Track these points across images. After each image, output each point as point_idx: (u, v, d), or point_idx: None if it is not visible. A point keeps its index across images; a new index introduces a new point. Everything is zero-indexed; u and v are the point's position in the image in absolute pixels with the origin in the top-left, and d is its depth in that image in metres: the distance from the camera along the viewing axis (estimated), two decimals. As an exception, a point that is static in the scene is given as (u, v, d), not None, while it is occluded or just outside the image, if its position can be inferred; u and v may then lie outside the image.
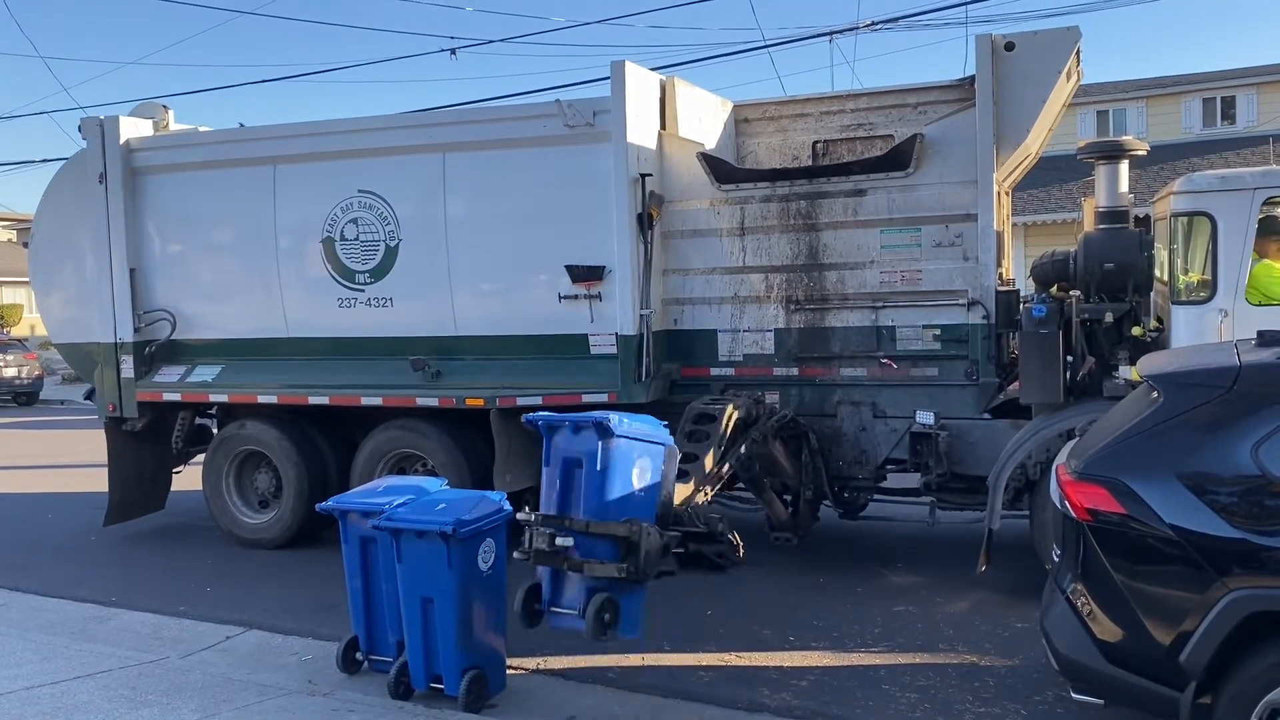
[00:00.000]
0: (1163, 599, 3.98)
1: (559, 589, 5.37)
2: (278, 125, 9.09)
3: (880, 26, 16.24)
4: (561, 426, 5.35)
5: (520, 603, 5.34)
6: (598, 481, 5.21)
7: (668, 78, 8.37)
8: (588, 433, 5.22)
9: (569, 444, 5.34)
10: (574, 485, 5.33)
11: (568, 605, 5.33)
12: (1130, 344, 7.01)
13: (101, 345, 9.25)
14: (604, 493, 5.22)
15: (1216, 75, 24.33)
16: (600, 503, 5.20)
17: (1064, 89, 7.63)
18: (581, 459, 5.28)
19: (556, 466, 5.38)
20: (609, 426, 5.16)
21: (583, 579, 5.24)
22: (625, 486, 5.31)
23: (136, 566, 8.65)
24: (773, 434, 7.34)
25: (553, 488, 5.36)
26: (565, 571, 5.28)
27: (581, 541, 5.15)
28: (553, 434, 5.38)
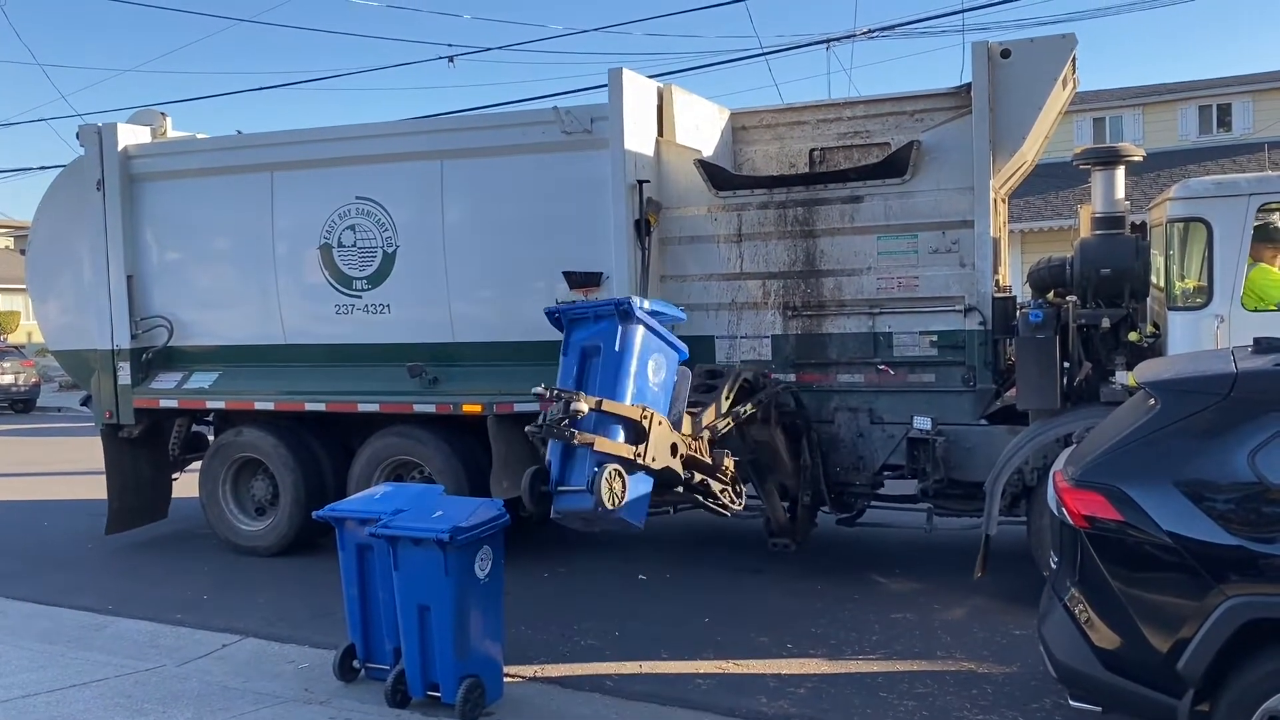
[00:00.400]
0: (1160, 606, 3.98)
1: (567, 468, 5.26)
2: (275, 132, 9.10)
3: (877, 34, 16.27)
4: (583, 317, 5.33)
5: (527, 485, 5.21)
6: (614, 361, 5.14)
7: (665, 85, 8.39)
8: (609, 320, 5.20)
9: (587, 333, 5.30)
10: (590, 374, 5.27)
11: (575, 483, 5.22)
12: (1127, 349, 7.02)
13: (98, 352, 9.24)
14: (619, 375, 5.14)
15: (1212, 83, 24.41)
16: (615, 384, 5.12)
17: (1060, 96, 7.64)
18: (600, 344, 5.24)
19: (573, 356, 5.33)
20: (630, 309, 5.14)
21: (591, 456, 5.14)
22: (640, 375, 5.23)
23: (132, 574, 8.63)
24: (775, 412, 7.27)
25: (568, 375, 5.29)
26: (575, 455, 5.20)
27: (593, 417, 5.05)
28: (573, 327, 5.35)
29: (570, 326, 5.44)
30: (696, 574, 7.96)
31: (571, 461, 5.31)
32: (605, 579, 7.96)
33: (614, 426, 5.22)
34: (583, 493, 5.14)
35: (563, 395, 5.05)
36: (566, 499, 5.24)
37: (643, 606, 7.25)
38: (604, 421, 5.16)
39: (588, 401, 5.05)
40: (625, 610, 7.15)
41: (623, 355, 5.20)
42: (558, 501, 5.29)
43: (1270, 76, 23.58)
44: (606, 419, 5.15)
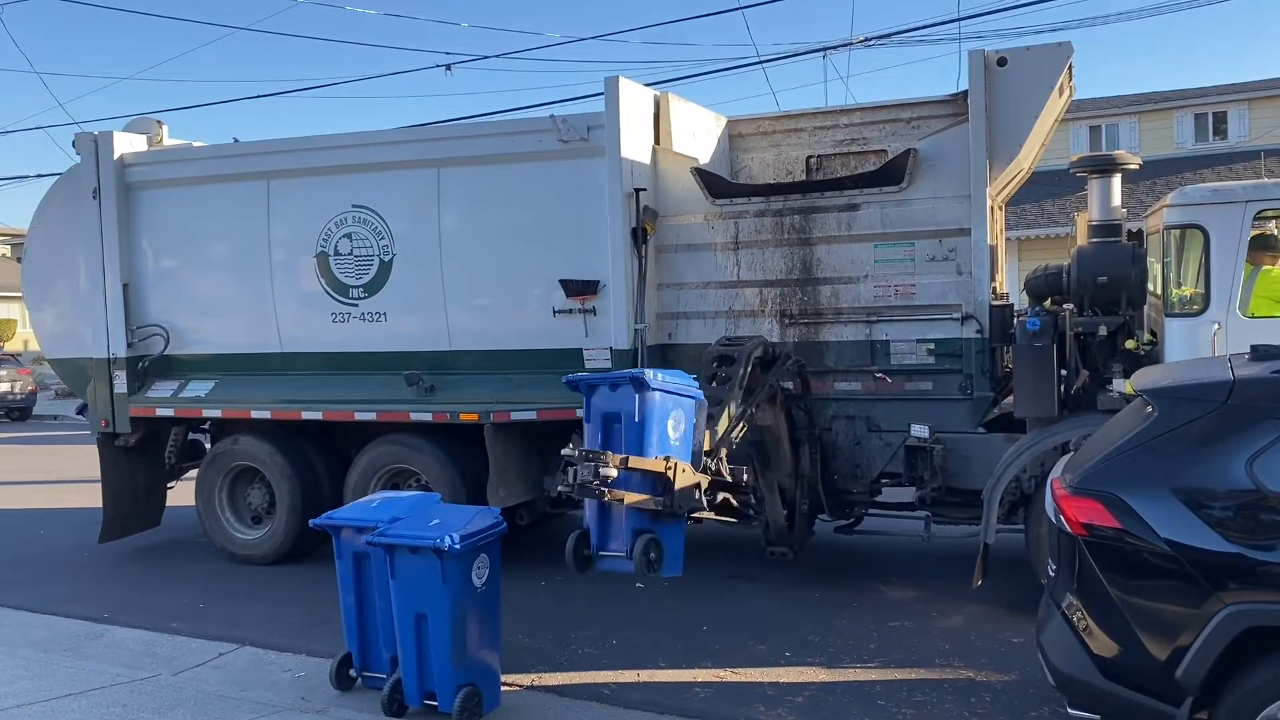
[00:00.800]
0: (1158, 614, 3.98)
1: (606, 533, 5.59)
2: (272, 140, 9.10)
3: (874, 42, 16.31)
4: (600, 385, 5.71)
5: (571, 550, 5.53)
6: (636, 432, 5.52)
7: (662, 93, 8.40)
8: (625, 389, 5.57)
9: (607, 401, 5.66)
10: (613, 437, 5.60)
11: (615, 549, 5.56)
12: (1124, 357, 7.02)
13: (95, 360, 9.22)
14: (642, 441, 5.51)
15: (1208, 90, 24.48)
16: (639, 447, 5.49)
17: (1056, 104, 7.66)
18: (619, 413, 5.59)
19: (596, 423, 5.69)
20: (645, 381, 5.51)
21: (628, 521, 5.49)
22: (661, 435, 5.60)
23: (129, 583, 8.61)
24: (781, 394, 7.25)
25: (594, 439, 5.65)
26: (611, 516, 5.54)
27: (620, 476, 5.36)
28: (592, 392, 5.72)
29: (589, 394, 5.77)
30: (694, 582, 7.93)
31: (609, 525, 5.60)
32: (602, 587, 7.93)
33: (640, 480, 5.49)
34: (623, 559, 5.52)
35: (592, 457, 5.35)
36: (608, 563, 5.62)
37: (640, 615, 7.23)
38: (631, 478, 5.44)
39: (615, 462, 5.33)
40: (623, 618, 7.13)
41: (643, 424, 5.56)
42: (600, 564, 5.65)
43: (1266, 84, 23.65)
44: (634, 475, 5.45)
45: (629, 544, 5.48)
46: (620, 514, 5.54)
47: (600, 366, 7.83)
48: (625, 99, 7.72)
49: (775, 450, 7.32)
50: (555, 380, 7.93)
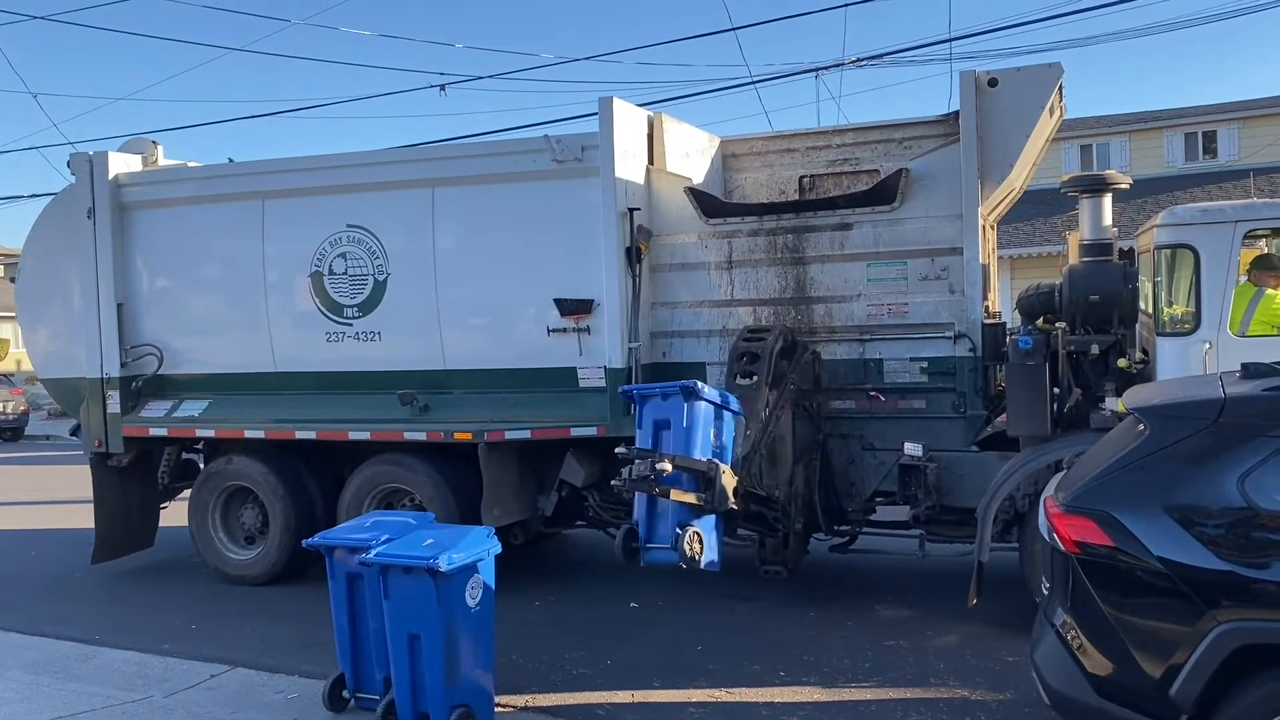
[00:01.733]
0: (1152, 632, 3.98)
1: (653, 528, 6.21)
2: (267, 160, 9.12)
3: (866, 63, 16.41)
4: (653, 396, 6.42)
5: (621, 542, 6.21)
6: (683, 436, 6.19)
7: (655, 114, 8.44)
8: (675, 399, 6.26)
9: (658, 409, 6.35)
10: (662, 442, 6.26)
11: (660, 542, 6.18)
12: (1116, 376, 7.04)
13: (88, 380, 9.20)
14: (689, 444, 6.16)
15: (1198, 110, 24.64)
16: (687, 449, 6.16)
17: (1047, 124, 7.71)
18: (669, 419, 6.27)
19: (648, 429, 6.36)
20: (695, 390, 6.22)
21: (673, 515, 6.12)
22: (705, 440, 6.27)
23: (121, 604, 8.56)
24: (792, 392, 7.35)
25: (644, 442, 6.30)
26: (657, 512, 6.18)
27: (670, 475, 6.00)
28: (644, 402, 6.42)
29: (641, 403, 6.45)
30: (688, 602, 7.93)
31: (655, 520, 6.21)
32: (597, 607, 7.92)
33: (686, 478, 6.14)
34: (668, 550, 6.12)
35: (647, 455, 6.03)
36: (654, 554, 6.22)
37: (635, 634, 7.21)
38: (680, 476, 6.09)
39: (664, 458, 5.99)
40: (617, 638, 7.11)
41: (690, 429, 6.22)
42: (646, 556, 6.24)
43: (1256, 104, 23.81)
44: (681, 474, 6.10)
45: (673, 537, 6.05)
46: (667, 510, 6.16)
47: (595, 385, 7.84)
48: (619, 119, 7.75)
49: (780, 448, 7.33)
50: (550, 399, 8.01)
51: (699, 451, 6.20)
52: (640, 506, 6.25)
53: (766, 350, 7.10)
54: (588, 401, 7.88)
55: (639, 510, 6.26)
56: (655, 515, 6.23)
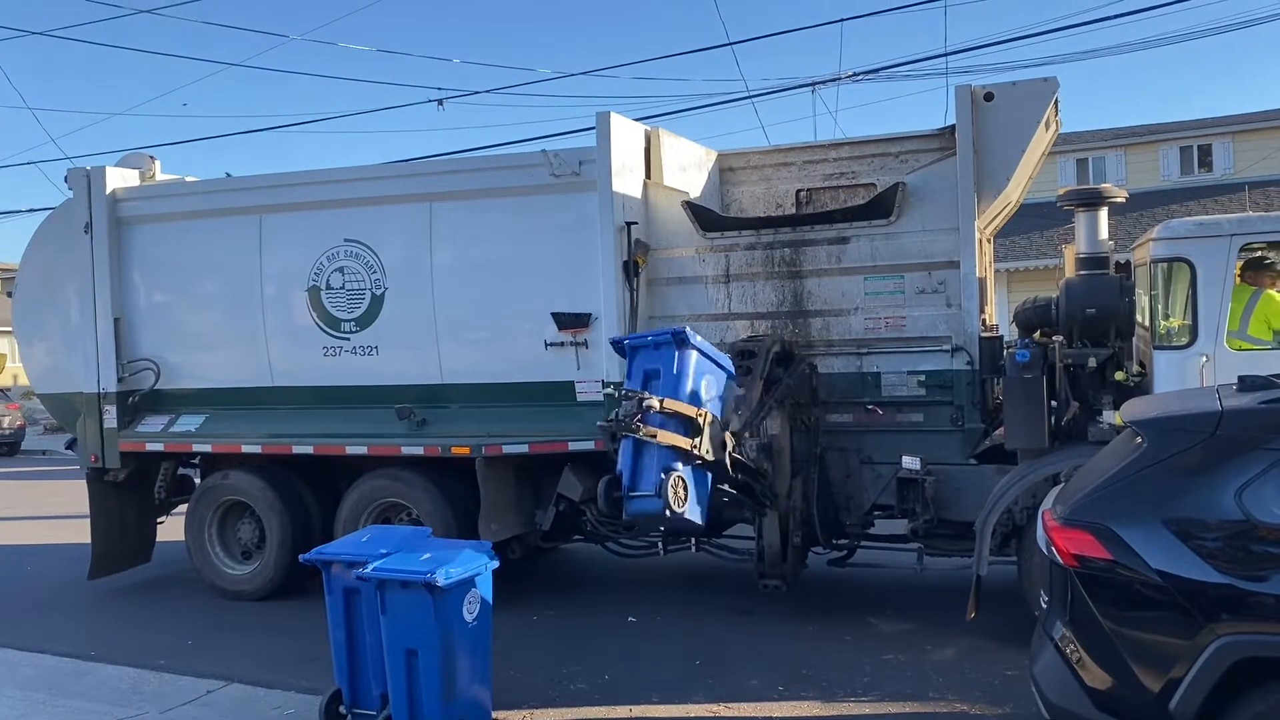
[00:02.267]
0: (1151, 645, 3.97)
1: (637, 477, 6.05)
2: (264, 175, 9.13)
3: (862, 77, 16.48)
4: (643, 346, 6.35)
5: (603, 490, 6.06)
6: (672, 381, 6.12)
7: (653, 128, 8.46)
8: (667, 348, 6.19)
9: (648, 359, 6.26)
10: (651, 390, 6.17)
11: (644, 489, 6.01)
12: (1114, 388, 7.05)
13: (85, 395, 9.19)
14: (678, 389, 6.10)
15: (1193, 124, 24.74)
16: (675, 395, 6.09)
17: (1043, 138, 7.74)
18: (659, 369, 6.20)
19: (637, 378, 6.31)
20: (686, 337, 6.17)
21: (658, 460, 5.98)
22: (695, 391, 6.21)
23: (116, 619, 8.53)
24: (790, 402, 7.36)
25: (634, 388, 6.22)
26: (643, 460, 6.03)
27: (658, 417, 5.95)
28: (635, 353, 6.37)
29: (632, 353, 6.38)
30: (687, 616, 7.90)
31: (640, 468, 6.07)
32: (595, 621, 7.89)
33: (674, 422, 6.04)
34: (652, 497, 5.95)
35: (634, 394, 5.98)
36: (637, 503, 6.04)
37: (633, 649, 7.19)
38: (666, 420, 6.01)
39: (656, 400, 5.93)
40: (615, 653, 7.09)
41: (679, 376, 6.15)
42: (629, 506, 6.07)
43: (1250, 118, 23.92)
44: (669, 419, 6.01)
45: (657, 484, 5.92)
46: (652, 458, 6.03)
47: (592, 399, 7.84)
48: (616, 134, 7.77)
49: (778, 461, 7.33)
50: (547, 413, 8.00)
51: (688, 400, 6.12)
52: (625, 455, 6.11)
53: (763, 349, 7.13)
54: (585, 415, 7.87)
55: (624, 459, 6.11)
56: (640, 465, 6.09)
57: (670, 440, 6.00)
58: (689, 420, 6.11)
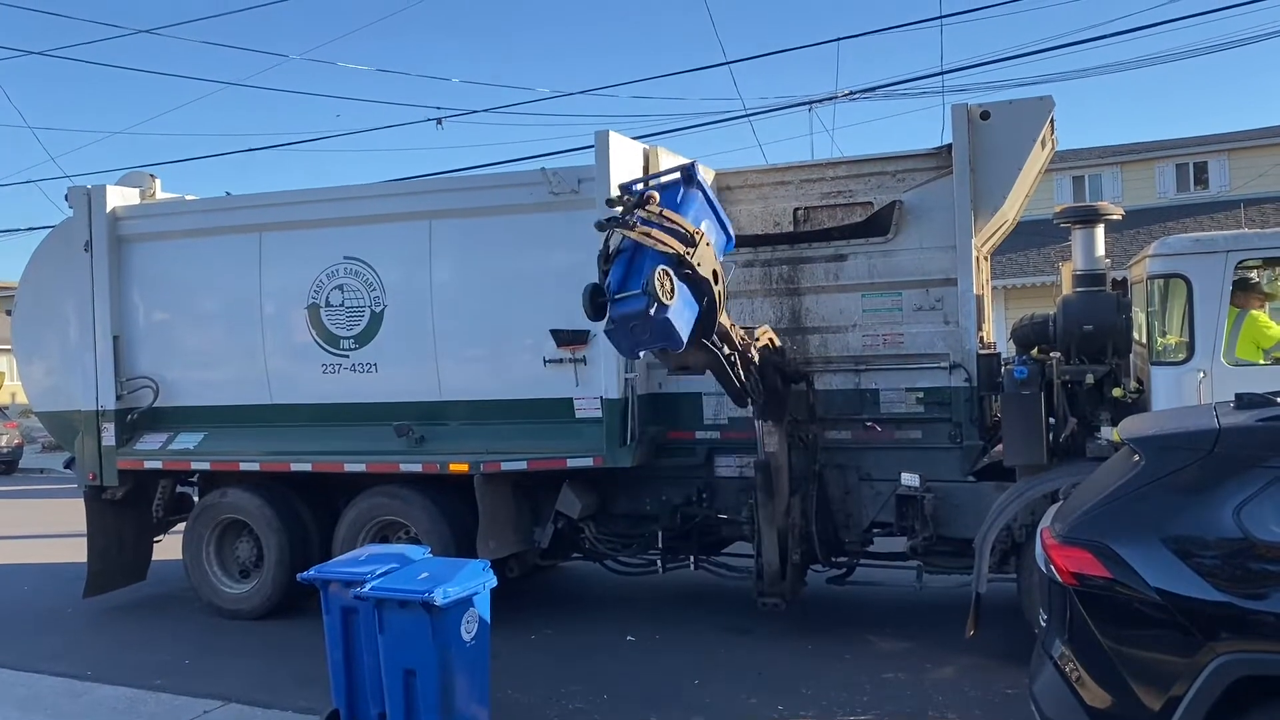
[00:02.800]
0: (1151, 664, 3.96)
1: (627, 278, 5.90)
2: (264, 194, 9.14)
3: (858, 96, 16.54)
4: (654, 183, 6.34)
5: (587, 296, 5.88)
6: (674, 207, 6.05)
7: (651, 146, 8.48)
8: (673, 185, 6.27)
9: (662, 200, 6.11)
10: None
11: (631, 288, 5.83)
12: (1111, 405, 7.06)
13: (83, 413, 9.17)
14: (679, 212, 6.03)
15: (1189, 141, 24.85)
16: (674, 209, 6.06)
17: (1039, 156, 7.77)
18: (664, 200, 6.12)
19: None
20: (693, 173, 6.32)
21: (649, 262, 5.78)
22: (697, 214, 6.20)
23: (113, 639, 8.49)
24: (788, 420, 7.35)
25: None
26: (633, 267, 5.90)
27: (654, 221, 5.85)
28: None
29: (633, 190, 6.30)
30: (685, 635, 7.88)
31: (630, 272, 5.92)
32: (593, 640, 7.87)
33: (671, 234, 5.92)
34: (637, 295, 5.74)
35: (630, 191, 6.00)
36: (622, 305, 5.82)
37: (631, 668, 7.17)
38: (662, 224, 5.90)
39: (653, 209, 5.82)
40: (614, 672, 7.06)
41: (682, 206, 6.13)
42: (613, 309, 5.84)
43: (1245, 135, 24.03)
44: (664, 226, 5.89)
45: (644, 281, 5.69)
46: (643, 259, 5.88)
47: (591, 416, 7.84)
48: (615, 152, 7.80)
49: (777, 478, 7.32)
50: (546, 430, 7.99)
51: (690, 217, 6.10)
52: (618, 264, 6.00)
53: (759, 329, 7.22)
54: (584, 432, 7.87)
55: (614, 270, 5.98)
56: (630, 269, 5.97)
57: (664, 240, 5.83)
58: (685, 234, 5.95)
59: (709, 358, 6.52)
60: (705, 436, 8.06)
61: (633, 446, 7.74)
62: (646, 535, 8.27)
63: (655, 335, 5.79)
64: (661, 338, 5.83)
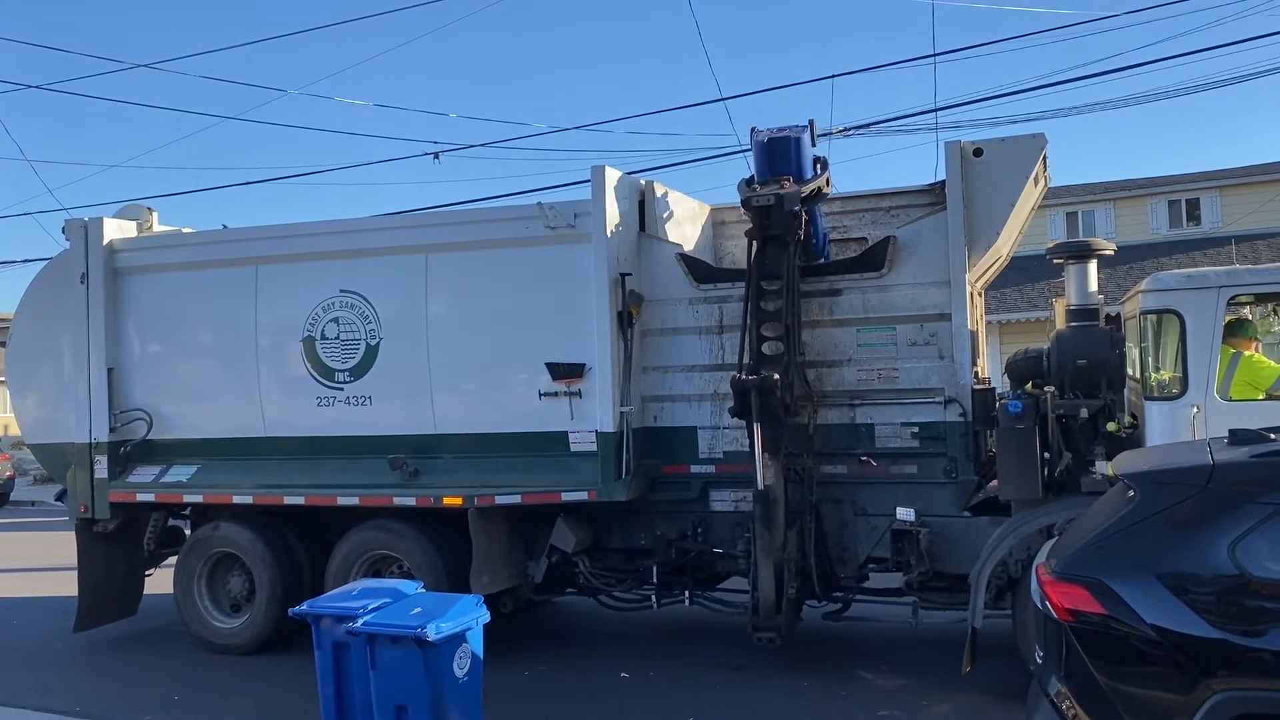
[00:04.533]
0: (1147, 701, 3.94)
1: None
2: (261, 227, 9.18)
3: (853, 132, 16.66)
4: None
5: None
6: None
7: (647, 181, 8.54)
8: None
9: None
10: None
11: None
12: (1106, 439, 7.06)
13: (76, 445, 9.14)
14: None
15: (1181, 178, 25.02)
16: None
17: (1032, 193, 7.82)
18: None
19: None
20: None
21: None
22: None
23: (103, 673, 8.41)
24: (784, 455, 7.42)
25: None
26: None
27: None
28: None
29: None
30: (680, 671, 7.83)
31: None
32: (587, 677, 7.81)
33: None
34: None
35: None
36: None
37: (626, 705, 7.11)
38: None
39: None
40: (608, 709, 7.01)
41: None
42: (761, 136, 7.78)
43: (1237, 172, 24.23)
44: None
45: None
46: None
47: (586, 450, 7.82)
48: (611, 187, 7.85)
49: (774, 511, 7.30)
50: (541, 464, 7.98)
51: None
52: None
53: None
54: (579, 466, 7.85)
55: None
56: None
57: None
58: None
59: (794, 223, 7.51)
60: (700, 470, 8.03)
61: (627, 480, 7.72)
62: (641, 570, 8.22)
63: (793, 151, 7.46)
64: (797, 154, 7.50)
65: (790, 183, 7.54)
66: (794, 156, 7.70)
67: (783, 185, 7.50)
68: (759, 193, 7.50)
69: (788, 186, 7.47)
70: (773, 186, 7.51)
